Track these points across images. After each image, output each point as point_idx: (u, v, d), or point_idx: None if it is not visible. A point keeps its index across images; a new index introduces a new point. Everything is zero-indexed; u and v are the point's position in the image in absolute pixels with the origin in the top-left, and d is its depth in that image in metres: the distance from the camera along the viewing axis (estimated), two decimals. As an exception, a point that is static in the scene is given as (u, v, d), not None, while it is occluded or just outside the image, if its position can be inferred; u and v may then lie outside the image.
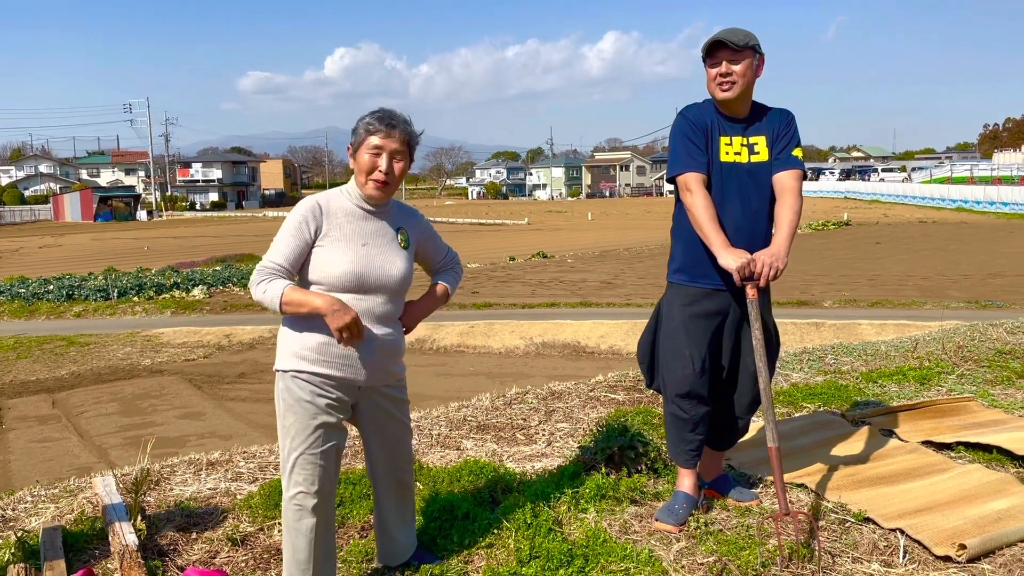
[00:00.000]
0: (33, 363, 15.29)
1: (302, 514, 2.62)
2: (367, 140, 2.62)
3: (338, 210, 2.66)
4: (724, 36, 3.09)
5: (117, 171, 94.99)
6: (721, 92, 3.13)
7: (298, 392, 2.60)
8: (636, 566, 2.87)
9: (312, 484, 2.61)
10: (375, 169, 2.62)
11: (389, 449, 2.82)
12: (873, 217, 46.05)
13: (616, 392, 5.48)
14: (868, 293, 18.62)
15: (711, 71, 3.14)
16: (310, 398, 2.60)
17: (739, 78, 3.10)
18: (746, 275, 2.99)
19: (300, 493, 2.61)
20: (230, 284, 24.01)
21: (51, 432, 10.48)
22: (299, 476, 2.61)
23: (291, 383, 2.61)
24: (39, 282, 24.32)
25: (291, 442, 2.61)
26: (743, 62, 3.09)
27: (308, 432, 2.59)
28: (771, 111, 3.27)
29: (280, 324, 2.72)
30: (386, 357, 2.71)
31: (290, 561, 2.66)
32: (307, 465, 2.60)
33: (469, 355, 15.07)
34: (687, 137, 3.18)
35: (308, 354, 2.60)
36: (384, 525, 2.91)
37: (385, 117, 2.64)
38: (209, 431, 10.33)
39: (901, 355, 6.44)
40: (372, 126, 2.62)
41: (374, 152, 2.62)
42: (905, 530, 3.10)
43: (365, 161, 2.62)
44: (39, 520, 3.53)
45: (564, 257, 29.20)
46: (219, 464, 4.26)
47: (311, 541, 2.63)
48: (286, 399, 2.62)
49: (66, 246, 42.46)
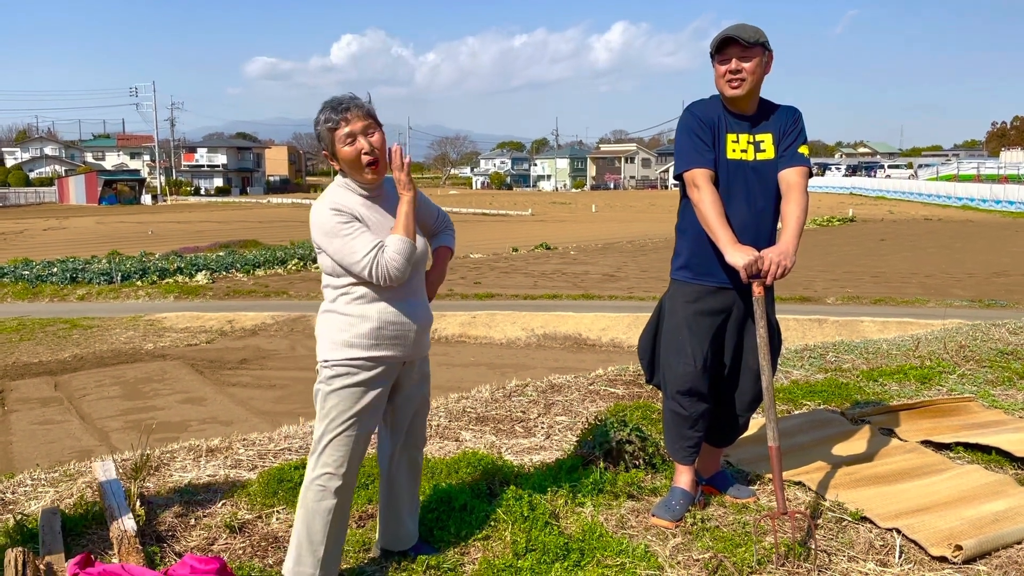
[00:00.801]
0: (36, 345, 15.34)
1: (324, 495, 2.65)
2: (336, 135, 2.60)
3: (354, 204, 2.66)
4: (735, 32, 3.06)
5: (122, 155, 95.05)
6: (730, 89, 3.11)
7: (346, 379, 2.63)
8: (632, 561, 2.87)
9: (340, 467, 2.64)
10: (359, 153, 2.59)
11: (411, 424, 2.88)
12: (878, 214, 45.96)
13: (616, 386, 5.48)
14: (871, 290, 18.60)
15: (720, 68, 3.12)
16: (360, 381, 2.64)
17: (749, 75, 3.08)
18: (753, 272, 2.98)
19: (326, 474, 2.64)
20: (233, 270, 24.05)
21: (53, 415, 10.52)
22: (328, 457, 2.64)
23: (340, 370, 2.63)
24: (43, 264, 24.36)
25: (328, 424, 2.64)
26: (753, 59, 3.07)
27: (347, 416, 2.63)
28: (778, 109, 3.25)
29: (324, 314, 2.70)
30: (424, 330, 2.78)
31: (301, 542, 2.67)
32: (339, 447, 2.64)
33: (470, 345, 15.09)
34: (694, 133, 3.16)
35: (361, 341, 2.63)
36: (396, 508, 2.94)
37: (334, 107, 2.60)
38: (210, 416, 10.37)
39: (903, 354, 6.44)
40: (331, 120, 2.59)
41: (348, 140, 2.59)
42: (902, 530, 3.10)
43: (347, 152, 2.60)
44: (38, 504, 3.54)
45: (567, 249, 29.19)
46: (219, 451, 4.27)
47: (327, 523, 2.66)
48: (332, 384, 2.64)
49: (70, 229, 42.52)
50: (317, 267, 25.06)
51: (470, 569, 2.88)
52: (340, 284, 2.66)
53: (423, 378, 2.88)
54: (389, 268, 2.56)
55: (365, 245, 2.55)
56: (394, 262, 2.56)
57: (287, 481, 3.55)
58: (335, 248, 2.58)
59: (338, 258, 2.59)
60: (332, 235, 2.58)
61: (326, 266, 2.67)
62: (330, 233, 2.59)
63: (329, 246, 2.60)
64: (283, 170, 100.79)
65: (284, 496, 3.48)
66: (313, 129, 2.69)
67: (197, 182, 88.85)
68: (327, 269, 2.68)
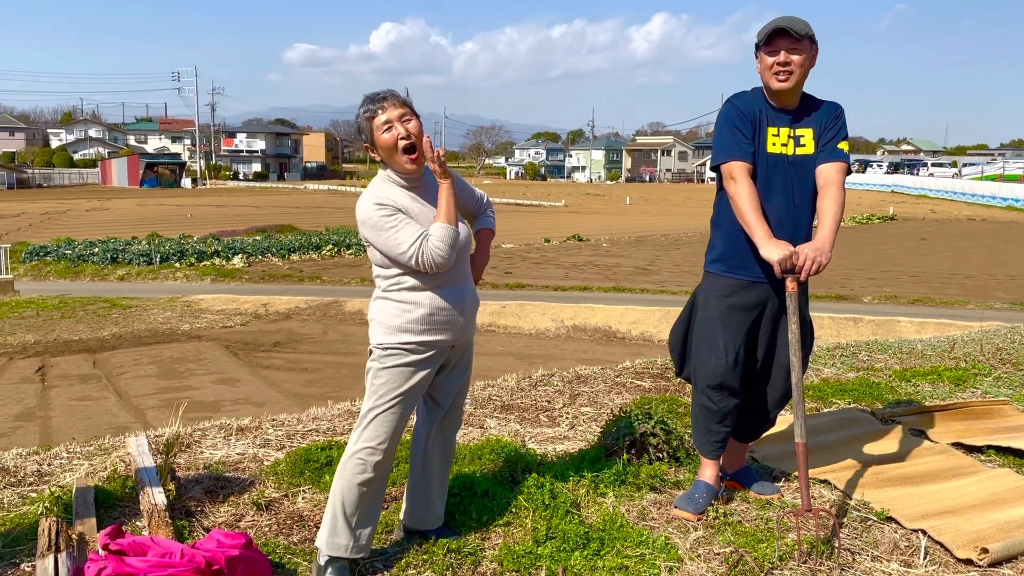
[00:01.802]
0: (76, 323, 15.70)
1: (363, 468, 2.71)
2: (373, 124, 2.68)
3: (399, 197, 2.72)
4: (786, 23, 3.02)
5: (164, 138, 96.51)
6: (777, 82, 3.07)
7: (398, 359, 2.72)
8: (651, 552, 2.88)
9: (381, 443, 2.72)
10: (396, 139, 2.66)
11: (451, 405, 2.95)
12: (920, 212, 45.13)
13: (642, 379, 5.47)
14: (910, 290, 18.30)
15: (768, 59, 3.07)
16: (408, 363, 2.73)
17: (797, 68, 3.04)
18: (787, 268, 2.95)
19: (367, 448, 2.71)
20: (269, 254, 24.37)
21: (91, 391, 10.77)
22: (371, 432, 2.72)
23: (393, 353, 2.72)
24: (85, 244, 24.90)
25: (376, 400, 2.72)
26: (802, 52, 3.04)
27: (395, 394, 2.72)
28: (820, 104, 3.21)
29: (377, 301, 2.78)
30: (472, 313, 2.87)
31: (337, 514, 2.73)
32: (383, 424, 2.72)
33: (500, 335, 15.13)
34: (734, 125, 3.13)
35: (413, 327, 2.72)
36: (427, 488, 2.99)
37: (372, 97, 2.72)
38: (243, 397, 10.54)
39: (937, 355, 6.33)
40: (369, 111, 2.69)
41: (386, 128, 2.67)
42: (927, 531, 3.06)
43: (386, 139, 2.67)
44: (73, 476, 3.64)
45: (600, 241, 29.09)
46: (248, 430, 4.35)
47: (362, 496, 2.73)
48: (384, 363, 2.72)
49: (112, 210, 43.34)
50: (351, 253, 25.32)
51: (490, 554, 2.90)
52: (390, 275, 2.74)
53: (468, 361, 2.98)
54: (434, 256, 2.63)
55: (410, 236, 2.63)
56: (438, 250, 2.64)
57: (313, 461, 3.60)
58: (381, 241, 2.67)
59: (385, 250, 2.68)
60: (378, 229, 2.66)
61: (376, 259, 2.76)
62: (376, 227, 2.67)
63: (376, 240, 2.68)
64: (320, 157, 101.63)
65: (310, 476, 3.53)
66: (354, 124, 2.79)
67: (236, 167, 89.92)
68: (377, 261, 2.76)
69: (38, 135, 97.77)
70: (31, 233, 30.42)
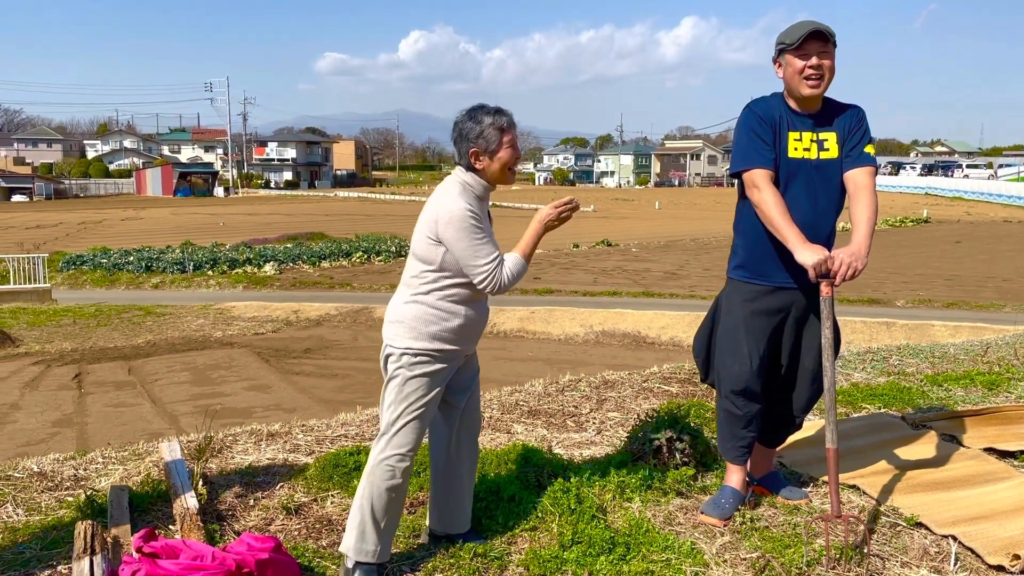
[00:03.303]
0: (112, 331, 15.98)
1: (393, 474, 2.76)
2: (504, 137, 2.76)
3: (476, 207, 2.76)
4: (821, 27, 3.01)
5: (197, 148, 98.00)
6: (808, 86, 3.04)
7: (428, 367, 2.77)
8: (677, 557, 2.88)
9: (409, 450, 2.77)
10: (516, 160, 2.82)
11: (468, 408, 3.00)
12: (954, 215, 44.39)
13: (670, 384, 5.46)
14: (944, 293, 18.01)
15: (798, 63, 3.04)
16: (436, 371, 2.78)
17: (828, 72, 3.04)
18: (822, 272, 2.94)
19: (396, 455, 2.76)
20: (300, 261, 24.62)
21: (126, 398, 10.94)
22: (401, 439, 2.76)
23: (424, 358, 2.76)
24: (120, 253, 25.33)
25: (405, 407, 2.76)
26: (832, 57, 3.04)
27: (424, 401, 2.77)
28: (842, 107, 3.18)
29: (410, 304, 2.77)
30: (485, 326, 3.01)
31: (365, 520, 2.76)
32: (412, 431, 2.77)
33: (528, 340, 15.14)
34: (754, 131, 3.11)
35: (446, 335, 2.77)
36: (457, 492, 3.01)
37: (502, 112, 2.80)
38: (274, 403, 10.64)
39: (970, 359, 6.24)
40: (501, 123, 2.76)
41: (511, 145, 2.79)
42: (958, 537, 3.03)
43: (509, 155, 2.78)
44: (108, 480, 3.72)
45: (628, 246, 29.00)
46: (279, 436, 4.41)
47: (391, 501, 2.78)
48: (414, 371, 2.76)
49: (147, 219, 44.07)
50: (380, 260, 25.49)
51: (516, 559, 2.92)
52: (434, 278, 2.76)
53: (476, 366, 3.06)
54: (501, 282, 2.73)
55: (488, 254, 2.71)
56: (507, 278, 2.75)
57: (342, 466, 3.64)
58: (462, 247, 2.69)
59: (459, 255, 2.70)
60: (464, 233, 2.69)
61: (431, 258, 2.74)
62: (463, 231, 2.69)
63: (456, 242, 2.69)
64: (350, 164, 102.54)
65: (339, 481, 3.58)
66: (463, 126, 2.76)
67: (267, 175, 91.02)
68: (424, 258, 2.75)
69: (75, 146, 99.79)
70: (68, 243, 31.05)
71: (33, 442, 8.69)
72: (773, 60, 3.17)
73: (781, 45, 3.09)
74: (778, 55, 3.12)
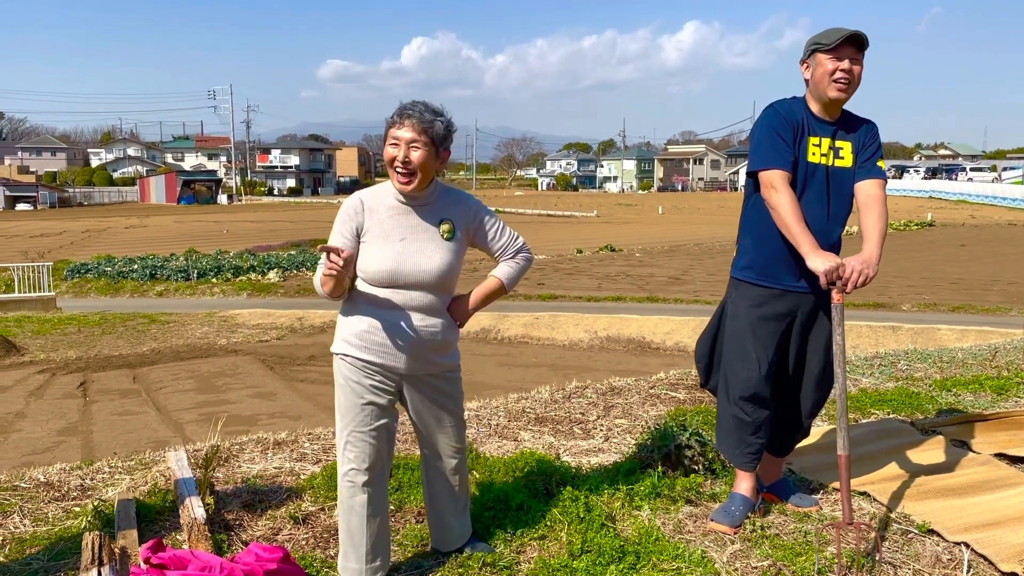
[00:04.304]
0: (117, 339, 15.99)
1: (354, 490, 2.71)
2: (388, 132, 2.64)
3: (380, 206, 2.69)
4: (860, 33, 3.01)
5: (200, 155, 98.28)
6: (836, 89, 3.04)
7: (346, 373, 2.72)
8: (688, 566, 2.86)
9: (363, 461, 2.70)
10: (393, 160, 2.62)
11: (435, 437, 2.87)
12: (959, 218, 44.31)
13: (677, 390, 5.43)
14: (950, 297, 17.95)
15: (829, 64, 3.03)
16: (357, 379, 2.70)
17: (856, 79, 3.06)
18: (833, 279, 2.93)
19: (352, 470, 2.71)
20: (304, 268, 24.62)
21: (131, 406, 10.94)
22: (351, 453, 2.72)
23: (340, 365, 2.74)
24: (124, 261, 25.38)
25: (342, 420, 2.73)
26: (861, 65, 3.05)
27: (357, 411, 2.70)
28: (858, 120, 3.22)
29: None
30: (427, 349, 2.72)
31: (345, 539, 2.76)
32: (358, 443, 2.71)
33: (533, 346, 15.11)
34: (776, 132, 3.09)
35: (353, 340, 2.70)
36: (437, 511, 2.98)
37: (403, 107, 2.63)
38: (279, 411, 10.63)
39: (979, 363, 6.21)
40: (392, 118, 2.63)
41: (392, 143, 2.62)
42: (970, 544, 3.00)
43: (387, 152, 2.64)
44: (115, 490, 3.71)
45: (632, 251, 28.98)
46: (285, 444, 4.39)
47: (363, 518, 2.72)
48: (338, 379, 2.75)
49: (151, 227, 44.15)
50: (384, 267, 25.52)
51: (525, 568, 2.90)
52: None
53: (443, 395, 2.81)
54: (316, 282, 2.67)
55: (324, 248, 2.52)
56: (316, 282, 2.67)
57: (349, 475, 3.62)
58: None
59: None
60: (334, 225, 2.70)
61: None
62: (335, 223, 2.69)
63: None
64: (353, 171, 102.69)
65: (346, 490, 3.56)
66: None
67: (271, 182, 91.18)
68: None
69: (79, 155, 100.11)
70: (72, 251, 31.11)
71: (39, 451, 8.68)
72: (801, 61, 3.18)
73: (815, 45, 3.09)
74: (808, 55, 3.13)
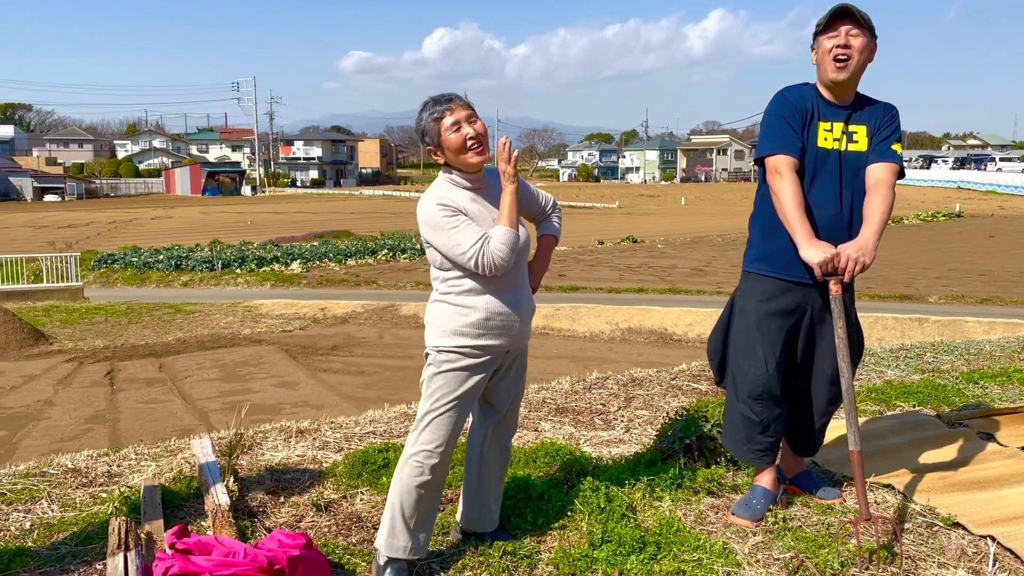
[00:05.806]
0: (143, 328, 16.19)
1: (421, 471, 2.74)
2: (441, 125, 2.69)
3: (458, 199, 2.73)
4: (848, 5, 2.96)
5: (224, 147, 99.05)
6: (835, 69, 2.99)
7: (455, 364, 2.74)
8: (709, 557, 2.85)
9: (437, 446, 2.75)
10: (465, 139, 2.69)
11: (507, 410, 2.96)
12: (988, 209, 43.65)
13: (699, 382, 5.41)
14: (978, 289, 17.70)
15: (827, 43, 3.00)
16: (463, 367, 2.74)
17: (856, 54, 2.97)
18: (828, 270, 2.88)
19: (424, 451, 2.74)
20: (326, 259, 24.76)
21: (157, 394, 11.08)
22: (428, 436, 2.75)
23: (449, 356, 2.74)
24: (150, 252, 25.66)
25: (431, 404, 2.75)
26: (862, 38, 2.97)
27: (450, 398, 2.74)
28: (875, 103, 3.14)
29: (434, 304, 2.80)
30: (528, 319, 2.87)
31: (395, 516, 2.76)
32: (439, 427, 2.74)
33: (553, 337, 15.10)
34: (783, 117, 3.05)
35: (468, 330, 2.73)
36: (483, 491, 3.00)
37: (438, 99, 2.73)
38: (302, 400, 10.71)
39: (1007, 355, 6.12)
40: (436, 112, 2.70)
41: (454, 128, 2.69)
42: (997, 537, 2.97)
43: (453, 140, 2.69)
44: (141, 477, 3.76)
45: (654, 242, 28.84)
46: (308, 432, 4.43)
47: (420, 498, 2.76)
48: (441, 368, 2.75)
49: (176, 218, 44.59)
50: (406, 257, 25.58)
51: (546, 557, 2.91)
52: (448, 277, 2.75)
53: (522, 367, 2.97)
54: (494, 258, 2.64)
55: (470, 237, 2.65)
56: (499, 252, 2.65)
57: (371, 463, 3.66)
58: (441, 241, 2.68)
59: (445, 251, 2.69)
60: (438, 229, 2.68)
61: (435, 260, 2.77)
62: (436, 227, 2.68)
63: (436, 239, 2.70)
64: (375, 162, 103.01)
65: (368, 478, 3.59)
66: (415, 127, 2.79)
67: (294, 174, 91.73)
68: (435, 263, 2.78)
69: (105, 147, 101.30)
70: (99, 241, 31.51)
71: (67, 438, 8.82)
72: (811, 48, 3.13)
73: (815, 30, 3.06)
74: (813, 41, 3.09)
